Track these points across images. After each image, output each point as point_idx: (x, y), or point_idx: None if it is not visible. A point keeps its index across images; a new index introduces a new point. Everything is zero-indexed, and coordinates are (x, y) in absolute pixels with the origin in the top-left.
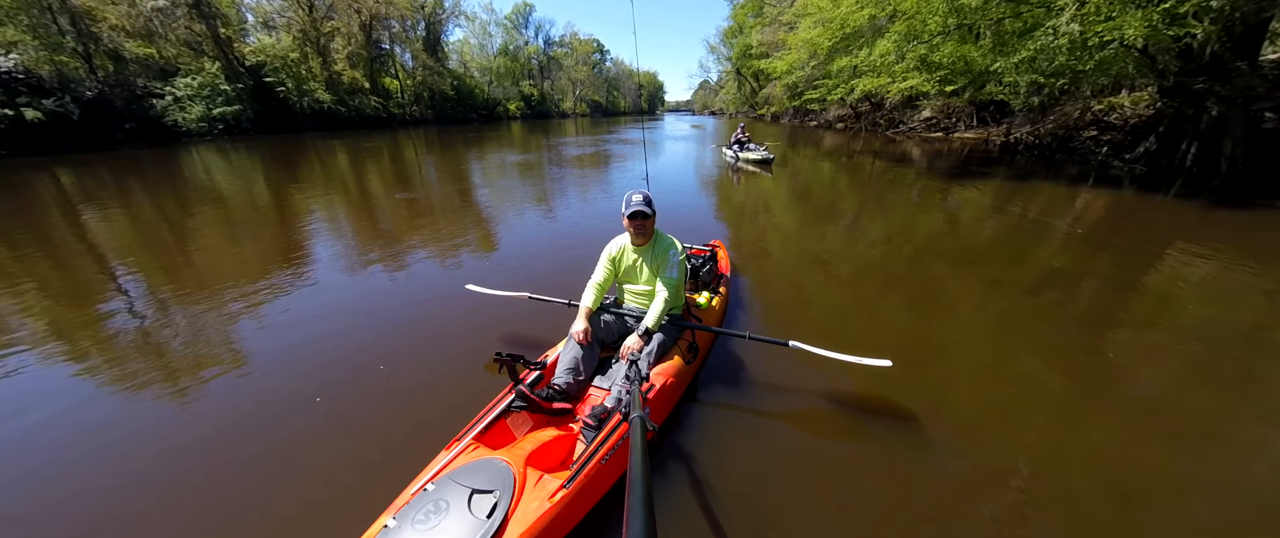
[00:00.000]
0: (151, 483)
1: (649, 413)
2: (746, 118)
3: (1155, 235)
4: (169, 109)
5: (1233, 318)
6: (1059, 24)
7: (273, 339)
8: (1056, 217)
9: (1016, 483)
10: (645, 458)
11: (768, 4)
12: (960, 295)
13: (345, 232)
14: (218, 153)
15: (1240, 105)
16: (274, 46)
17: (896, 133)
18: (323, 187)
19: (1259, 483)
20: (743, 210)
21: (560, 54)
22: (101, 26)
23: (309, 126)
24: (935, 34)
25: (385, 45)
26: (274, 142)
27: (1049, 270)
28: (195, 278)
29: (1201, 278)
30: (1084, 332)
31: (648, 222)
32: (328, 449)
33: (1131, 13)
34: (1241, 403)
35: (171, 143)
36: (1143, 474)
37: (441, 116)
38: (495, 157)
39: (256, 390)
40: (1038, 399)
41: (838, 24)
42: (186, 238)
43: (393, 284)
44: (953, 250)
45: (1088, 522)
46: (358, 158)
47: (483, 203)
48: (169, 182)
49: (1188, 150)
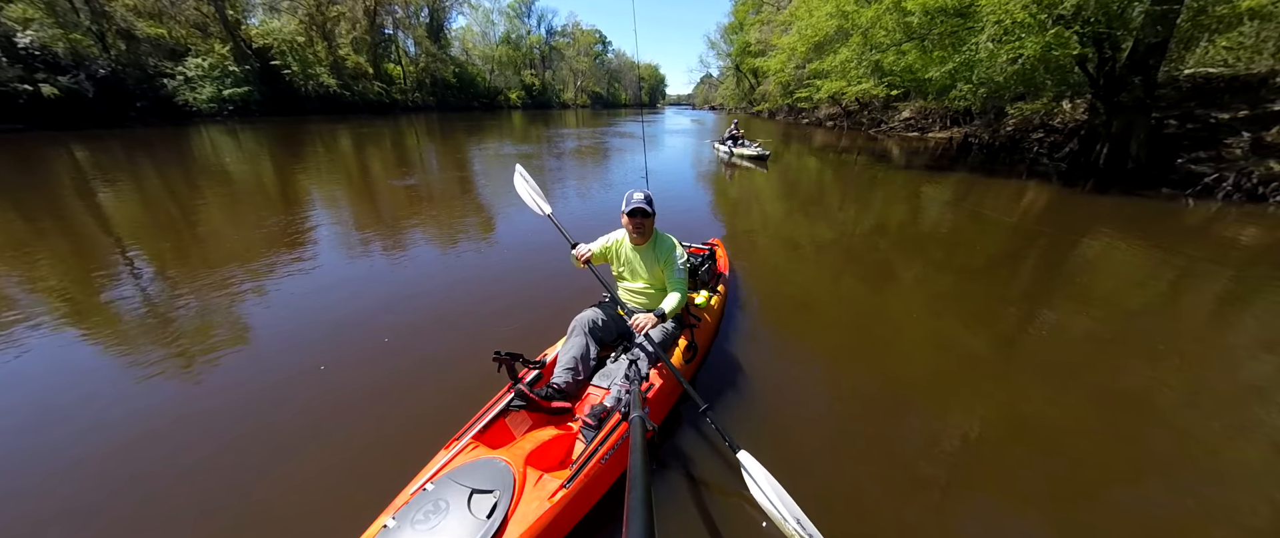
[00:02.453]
0: (151, 483)
1: (648, 413)
2: (744, 114)
3: (1074, 224)
4: (180, 89)
5: (1137, 292)
6: (980, 41)
7: (273, 340)
8: (994, 209)
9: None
10: (645, 458)
11: (766, 2)
12: (909, 273)
13: (346, 218)
14: (227, 133)
15: (1143, 112)
16: (281, 29)
17: (878, 132)
18: (327, 171)
19: (1158, 426)
20: (737, 205)
21: (562, 44)
22: (114, 5)
23: (314, 110)
24: (887, 45)
25: (389, 30)
26: (280, 124)
27: (987, 254)
28: (193, 262)
29: (1110, 258)
30: (1013, 306)
31: (647, 221)
32: (327, 449)
33: (1033, 35)
34: (1146, 365)
35: (182, 122)
36: (1061, 424)
37: (443, 103)
38: (494, 146)
39: (256, 391)
40: (974, 361)
41: (811, 31)
42: (195, 217)
43: (388, 285)
44: (912, 237)
45: (1016, 466)
46: (360, 143)
47: (483, 194)
48: (179, 159)
49: (1101, 150)
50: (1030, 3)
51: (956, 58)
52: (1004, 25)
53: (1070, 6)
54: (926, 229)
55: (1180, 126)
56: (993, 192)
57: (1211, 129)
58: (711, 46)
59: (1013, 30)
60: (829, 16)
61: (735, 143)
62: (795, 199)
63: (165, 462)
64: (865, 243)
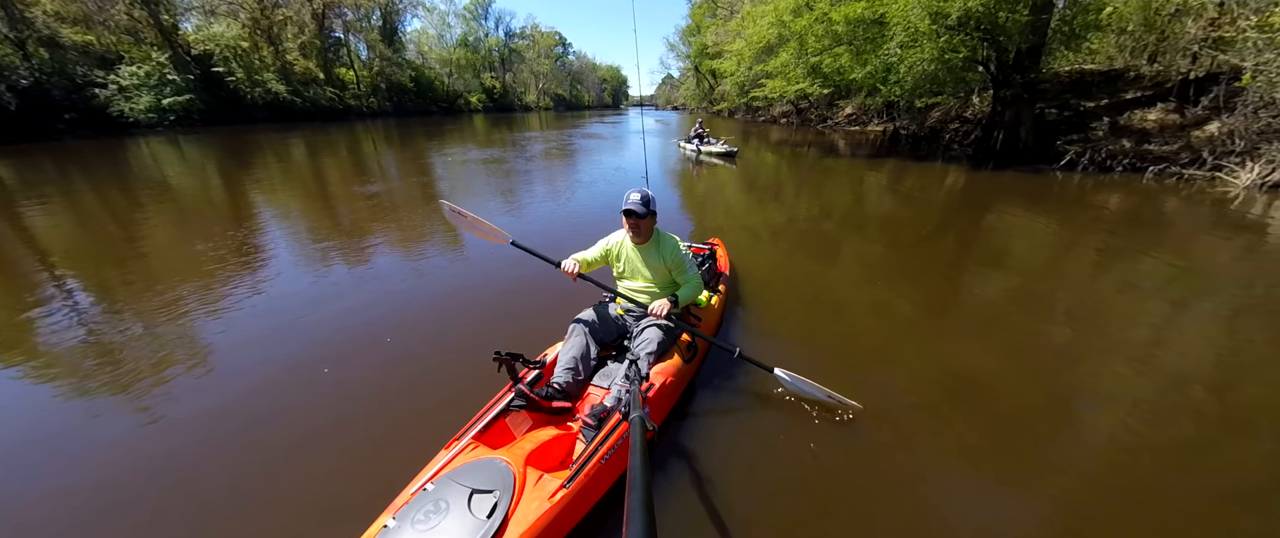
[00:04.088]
0: (149, 483)
1: (648, 413)
2: (705, 113)
3: (981, 200)
4: (114, 99)
5: (1034, 253)
6: (890, 47)
7: (273, 340)
8: (918, 189)
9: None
10: (645, 458)
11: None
12: (850, 248)
13: (343, 226)
14: (168, 144)
15: (1029, 103)
16: (222, 34)
17: (825, 127)
18: (281, 183)
19: (1057, 372)
20: (710, 198)
21: (521, 46)
22: (35, 11)
23: (262, 118)
24: (820, 51)
25: (339, 34)
26: (227, 134)
27: (914, 230)
28: (185, 271)
29: (1011, 226)
30: (938, 271)
31: (642, 222)
32: (327, 449)
33: (931, 41)
34: (1044, 313)
35: (119, 134)
36: (979, 373)
37: (400, 109)
38: (457, 151)
39: (256, 393)
40: (904, 324)
41: (757, 37)
42: (138, 233)
43: (387, 286)
44: (853, 217)
45: (937, 411)
46: (315, 151)
47: (462, 199)
48: (114, 173)
49: (998, 137)
50: (925, 15)
51: (876, 61)
52: (909, 33)
53: (955, 19)
54: (881, 213)
55: (1059, 114)
56: (918, 175)
57: (1081, 115)
58: (671, 48)
59: (918, 38)
60: (770, 25)
61: (702, 141)
62: (757, 190)
63: (166, 462)
64: (840, 231)
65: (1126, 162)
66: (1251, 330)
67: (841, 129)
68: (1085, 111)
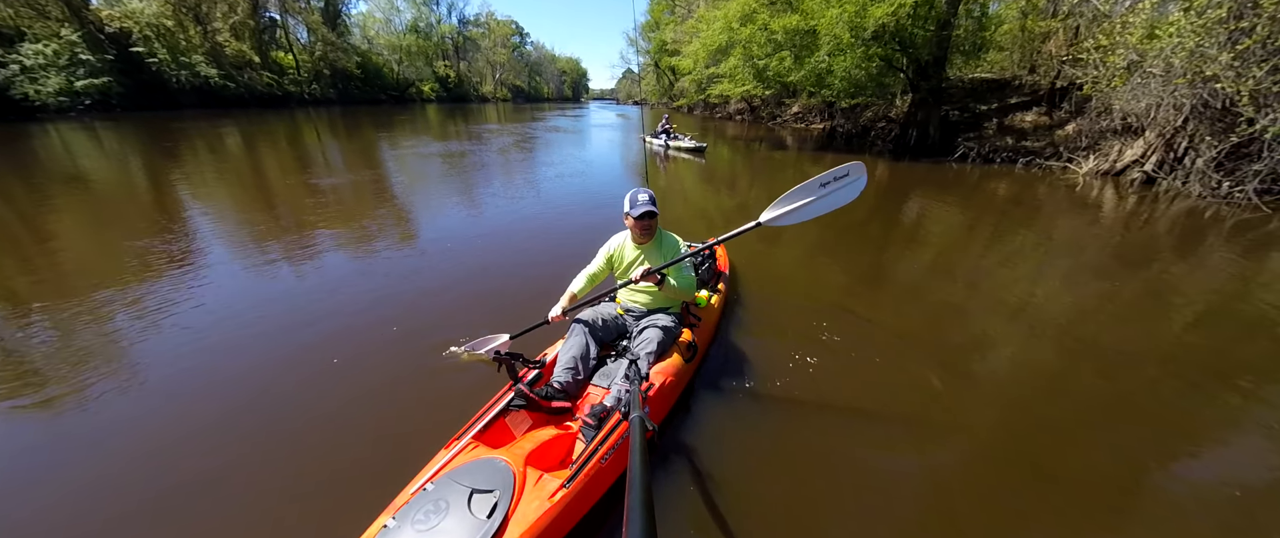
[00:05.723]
0: (149, 484)
1: (648, 412)
2: (667, 108)
3: (901, 187)
4: (16, 81)
5: (947, 233)
6: (820, 55)
7: (273, 340)
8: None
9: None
10: (645, 458)
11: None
12: (792, 232)
13: (343, 226)
14: (83, 130)
15: (937, 105)
16: (141, 11)
17: (775, 123)
18: (229, 176)
19: (969, 327)
20: (678, 192)
21: (476, 35)
22: None
23: (191, 103)
24: (763, 56)
25: (273, 14)
26: (150, 120)
27: (849, 214)
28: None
29: (925, 210)
30: (870, 248)
31: (655, 221)
32: (327, 449)
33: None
34: (958, 288)
35: (24, 119)
36: (913, 325)
37: (346, 96)
38: (410, 144)
39: (256, 393)
40: (848, 292)
41: (709, 41)
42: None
43: (386, 286)
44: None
45: (878, 358)
46: (251, 141)
47: (450, 195)
48: (16, 164)
49: (912, 134)
50: (846, 28)
51: (809, 65)
52: (835, 43)
53: (871, 32)
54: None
55: (960, 115)
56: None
57: (977, 117)
58: (631, 43)
59: (843, 47)
60: (720, 31)
61: (670, 136)
62: (716, 180)
63: (165, 463)
64: (756, 204)
65: (1006, 155)
66: (1085, 286)
67: (789, 126)
68: (980, 113)
